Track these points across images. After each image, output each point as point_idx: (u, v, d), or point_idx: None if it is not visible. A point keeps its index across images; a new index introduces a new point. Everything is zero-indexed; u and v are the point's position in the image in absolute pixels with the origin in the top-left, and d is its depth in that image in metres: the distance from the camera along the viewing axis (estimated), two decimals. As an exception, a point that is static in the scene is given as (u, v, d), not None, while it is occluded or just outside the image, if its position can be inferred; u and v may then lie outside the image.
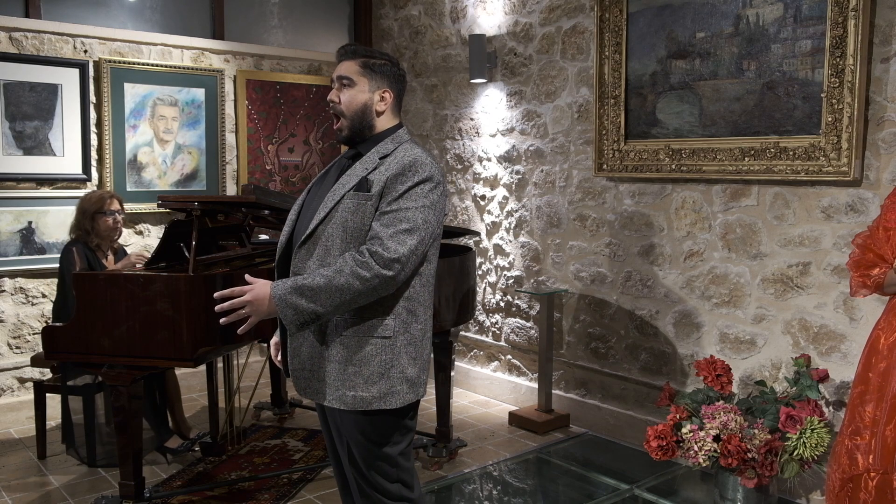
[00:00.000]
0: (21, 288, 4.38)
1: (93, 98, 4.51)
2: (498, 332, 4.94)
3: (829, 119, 3.16)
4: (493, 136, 4.86)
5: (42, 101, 4.33)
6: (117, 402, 3.02)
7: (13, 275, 4.33)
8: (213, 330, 2.89)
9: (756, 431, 2.94)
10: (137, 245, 4.72)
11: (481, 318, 5.05)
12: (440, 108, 5.26)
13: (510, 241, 4.80)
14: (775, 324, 3.48)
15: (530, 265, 4.66)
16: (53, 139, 4.39)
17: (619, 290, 4.15)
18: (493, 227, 4.92)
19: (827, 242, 3.28)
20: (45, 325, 3.55)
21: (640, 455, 3.63)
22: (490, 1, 4.80)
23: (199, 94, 4.89)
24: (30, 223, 4.33)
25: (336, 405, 2.03)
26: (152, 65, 4.69)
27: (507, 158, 4.77)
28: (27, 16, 4.36)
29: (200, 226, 3.11)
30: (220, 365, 4.13)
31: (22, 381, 4.40)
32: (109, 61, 4.53)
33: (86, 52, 4.49)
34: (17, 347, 4.39)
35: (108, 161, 4.54)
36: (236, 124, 5.10)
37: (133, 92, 4.64)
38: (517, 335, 4.80)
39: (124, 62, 4.58)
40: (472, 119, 5.01)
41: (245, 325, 2.01)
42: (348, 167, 2.10)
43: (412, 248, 1.96)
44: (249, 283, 2.01)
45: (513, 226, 4.77)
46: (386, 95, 2.12)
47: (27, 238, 4.33)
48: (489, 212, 4.95)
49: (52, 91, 4.36)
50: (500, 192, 4.85)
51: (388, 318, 2.02)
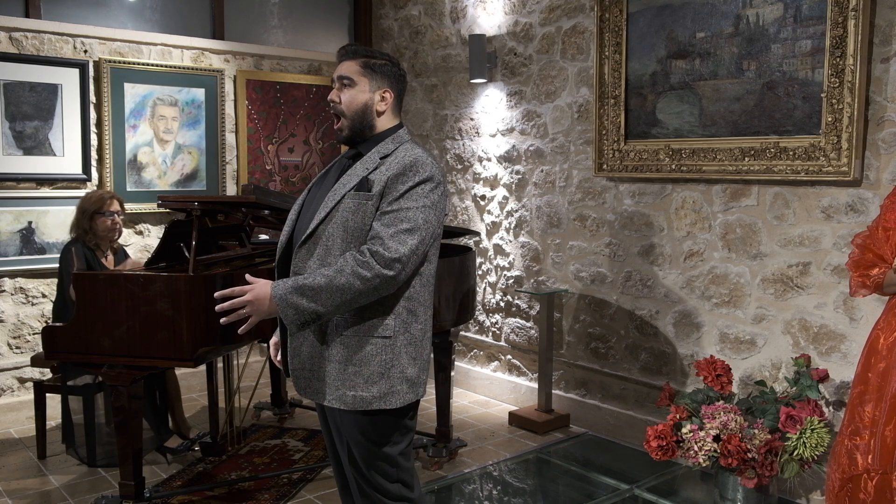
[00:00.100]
0: (21, 288, 4.38)
1: (93, 98, 4.51)
2: (498, 332, 4.94)
3: (829, 119, 3.16)
4: (493, 136, 4.86)
5: (42, 101, 4.34)
6: (117, 402, 3.02)
7: (13, 275, 4.33)
8: (213, 330, 2.89)
9: (756, 431, 2.94)
10: (137, 245, 4.72)
11: (481, 318, 5.05)
12: (440, 108, 5.26)
13: (510, 241, 4.80)
14: (775, 324, 3.48)
15: (530, 265, 4.66)
16: (53, 139, 4.39)
17: (619, 290, 4.15)
18: (493, 227, 4.92)
19: (827, 242, 3.28)
20: (45, 325, 3.55)
21: (640, 455, 3.63)
22: (490, 1, 4.80)
23: (199, 94, 4.89)
24: (30, 223, 4.33)
25: (336, 405, 2.03)
26: (152, 65, 4.69)
27: (507, 158, 4.77)
28: (27, 16, 4.36)
29: (200, 226, 3.11)
30: (220, 365, 4.13)
31: (22, 381, 4.40)
32: (109, 61, 4.53)
33: (86, 52, 4.49)
34: (17, 347, 4.39)
35: (108, 161, 4.54)
36: (236, 124, 5.10)
37: (133, 92, 4.64)
38: (517, 335, 4.80)
39: (124, 62, 4.59)
40: (472, 119, 5.01)
41: (245, 325, 2.01)
42: (349, 167, 2.10)
43: (413, 248, 1.96)
44: (250, 283, 2.01)
45: (513, 226, 4.77)
46: (386, 95, 2.12)
47: (27, 238, 4.33)
48: (489, 212, 4.95)
49: (52, 91, 4.36)
50: (500, 192, 4.85)
51: (388, 317, 2.02)
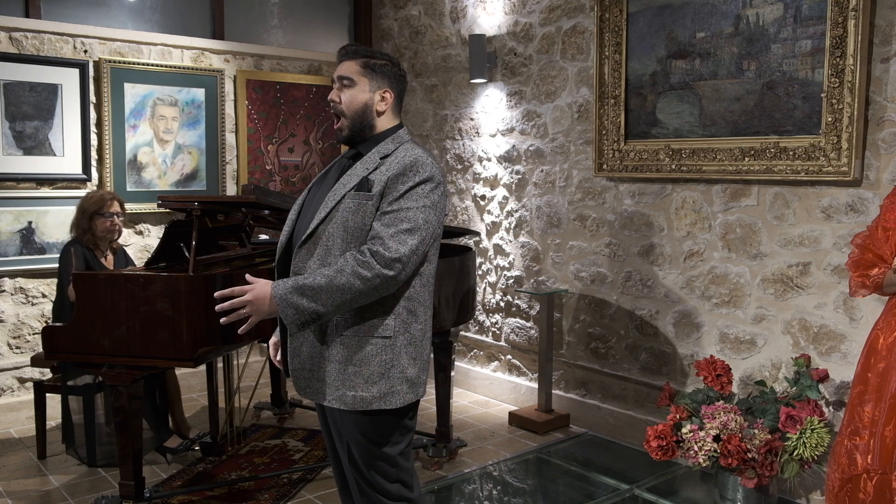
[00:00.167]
0: (21, 288, 4.38)
1: (93, 98, 4.51)
2: (498, 332, 4.94)
3: (829, 119, 3.16)
4: (493, 136, 4.86)
5: (42, 101, 4.33)
6: (117, 402, 3.02)
7: (13, 275, 4.33)
8: (213, 330, 2.89)
9: (756, 431, 2.94)
10: (137, 245, 4.72)
11: (481, 318, 5.05)
12: (440, 108, 5.26)
13: (510, 241, 4.80)
14: (775, 324, 3.48)
15: (530, 265, 4.66)
16: (53, 139, 4.39)
17: (619, 290, 4.15)
18: (493, 227, 4.92)
19: (827, 242, 3.28)
20: (45, 325, 3.55)
21: (640, 455, 3.63)
22: (490, 1, 4.80)
23: (199, 94, 4.89)
24: (30, 223, 4.33)
25: (336, 405, 2.03)
26: (152, 65, 4.69)
27: (507, 158, 4.77)
28: (27, 16, 4.36)
29: (200, 226, 3.11)
30: (220, 365, 4.13)
31: (22, 381, 4.40)
32: (109, 61, 4.53)
33: (86, 52, 4.49)
34: (17, 347, 4.39)
35: (108, 161, 4.54)
36: (236, 124, 5.10)
37: (133, 92, 4.64)
38: (517, 335, 4.80)
39: (124, 62, 4.59)
40: (472, 119, 5.01)
41: (245, 325, 2.01)
42: (349, 167, 2.10)
43: (413, 248, 1.96)
44: (250, 283, 2.01)
45: (513, 226, 4.77)
46: (387, 95, 2.12)
47: (27, 238, 4.33)
48: (489, 212, 4.95)
49: (52, 91, 4.36)
50: (500, 192, 4.85)
51: (388, 317, 2.02)
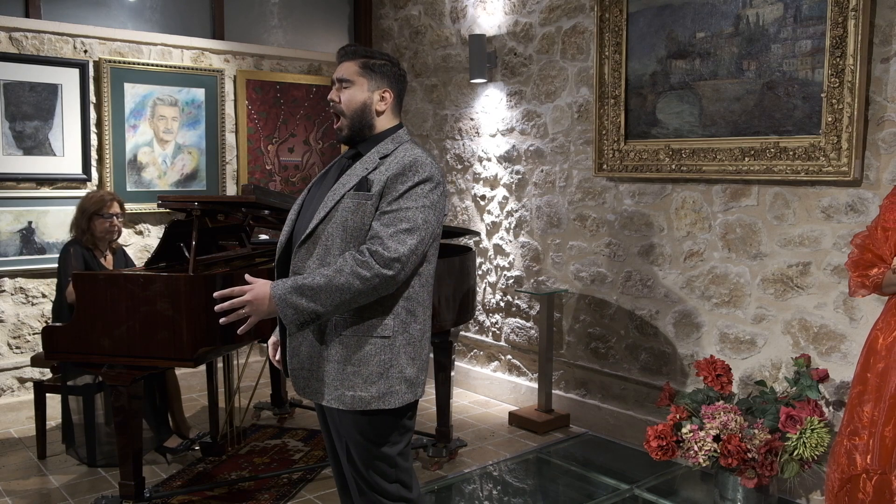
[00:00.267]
0: (21, 288, 4.38)
1: (93, 98, 4.51)
2: (498, 332, 4.94)
3: (829, 119, 3.16)
4: (493, 136, 4.86)
5: (42, 101, 4.33)
6: (117, 402, 3.02)
7: (13, 275, 4.33)
8: (213, 330, 2.89)
9: (756, 431, 2.94)
10: (137, 245, 4.72)
11: (481, 318, 5.05)
12: (440, 108, 5.26)
13: (510, 241, 4.80)
14: (775, 324, 3.48)
15: (530, 265, 4.66)
16: (53, 139, 4.39)
17: (619, 290, 4.15)
18: (493, 227, 4.92)
19: (827, 242, 3.28)
20: (45, 325, 3.55)
21: (640, 455, 3.63)
22: (490, 1, 4.80)
23: (199, 94, 4.89)
24: (30, 223, 4.33)
25: (335, 405, 2.03)
26: (152, 65, 4.69)
27: (507, 158, 4.77)
28: (27, 16, 4.36)
29: (200, 226, 3.11)
30: (220, 365, 4.13)
31: (22, 381, 4.40)
32: (109, 61, 4.53)
33: (86, 52, 4.49)
34: (17, 347, 4.39)
35: (108, 161, 4.54)
36: (236, 124, 5.10)
37: (133, 92, 4.64)
38: (517, 335, 4.80)
39: (124, 62, 4.59)
40: (472, 119, 5.01)
41: (245, 325, 2.01)
42: (348, 167, 2.10)
43: (412, 248, 1.96)
44: (249, 283, 2.01)
45: (513, 226, 4.77)
46: (386, 95, 2.12)
47: (27, 238, 4.33)
48: (489, 212, 4.95)
49: (52, 91, 4.36)
50: (500, 192, 4.85)
51: (387, 317, 2.02)
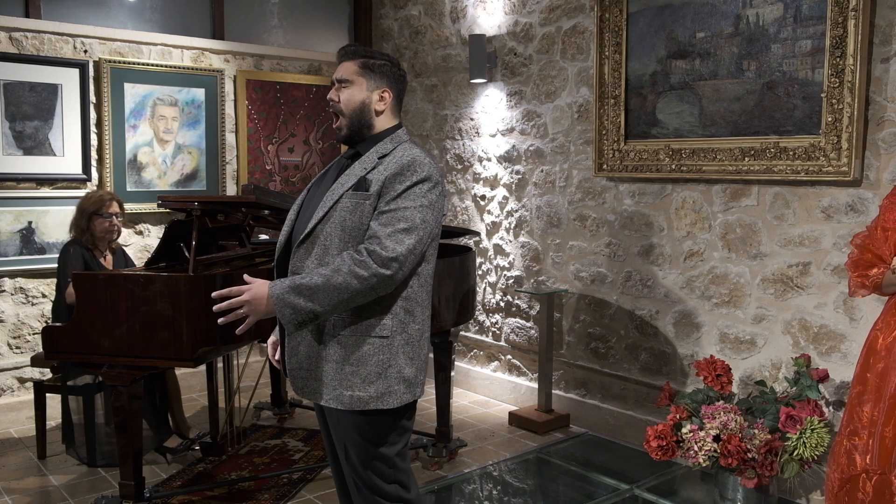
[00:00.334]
0: (21, 288, 4.38)
1: (93, 98, 4.51)
2: (498, 332, 4.94)
3: (829, 119, 3.16)
4: (493, 136, 4.86)
5: (42, 101, 4.33)
6: (117, 402, 3.02)
7: (13, 275, 4.33)
8: (213, 330, 2.89)
9: (756, 431, 2.94)
10: (137, 245, 4.72)
11: (481, 318, 5.05)
12: (440, 108, 5.26)
13: (510, 241, 4.80)
14: (775, 324, 3.48)
15: (530, 265, 4.66)
16: (53, 139, 4.39)
17: (619, 290, 4.15)
18: (493, 227, 4.92)
19: (827, 242, 3.28)
20: (45, 325, 3.55)
21: (640, 455, 3.63)
22: (490, 1, 4.80)
23: (199, 94, 4.89)
24: (30, 223, 4.33)
25: (333, 405, 2.03)
26: (152, 65, 4.69)
27: (507, 158, 4.77)
28: (27, 16, 4.36)
29: (200, 226, 3.11)
30: (220, 365, 4.13)
31: (22, 381, 4.40)
32: (109, 61, 4.53)
33: (86, 52, 4.49)
34: (17, 347, 4.39)
35: (108, 161, 4.54)
36: (236, 124, 5.10)
37: (133, 92, 4.64)
38: (517, 335, 4.80)
39: (124, 62, 4.59)
40: (472, 119, 5.01)
41: (243, 325, 2.00)
42: (347, 167, 2.10)
43: (410, 248, 1.96)
44: (248, 283, 2.01)
45: (513, 226, 4.77)
46: (385, 95, 2.12)
47: (27, 238, 4.33)
48: (489, 212, 4.95)
49: (52, 91, 4.36)
50: (500, 192, 4.85)
51: (385, 317, 2.02)
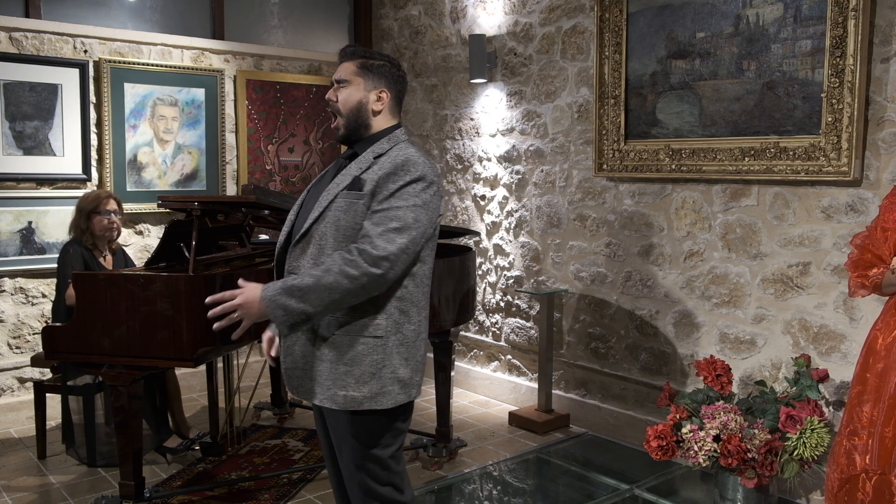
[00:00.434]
0: (21, 288, 4.38)
1: (93, 98, 4.51)
2: (498, 332, 4.94)
3: (829, 119, 3.16)
4: (493, 136, 4.86)
5: (42, 101, 4.33)
6: (117, 402, 3.02)
7: (13, 275, 4.33)
8: (213, 330, 2.88)
9: (756, 431, 2.94)
10: (137, 245, 4.72)
11: (481, 318, 5.05)
12: (440, 108, 5.26)
13: (510, 241, 4.80)
14: (775, 324, 3.48)
15: (530, 265, 4.66)
16: (53, 139, 4.39)
17: (619, 290, 4.15)
18: (493, 227, 4.92)
19: (827, 242, 3.28)
20: (45, 325, 3.55)
21: (640, 455, 3.63)
22: (490, 1, 4.80)
23: (199, 94, 4.89)
24: (30, 223, 4.33)
25: (327, 404, 2.03)
26: (152, 65, 4.69)
27: (507, 158, 4.77)
28: (27, 16, 4.36)
29: (200, 226, 3.11)
30: (220, 365, 4.13)
31: (22, 381, 4.41)
32: (109, 61, 4.53)
33: (86, 52, 4.49)
34: (17, 347, 4.39)
35: (108, 161, 4.54)
36: (236, 124, 5.10)
37: (133, 92, 4.64)
38: (517, 335, 4.80)
39: (124, 62, 4.59)
40: (472, 119, 5.01)
41: (238, 329, 1.99)
42: (345, 167, 2.11)
43: (402, 247, 1.94)
44: (241, 287, 2.01)
45: (513, 226, 4.77)
46: (383, 95, 2.12)
47: (27, 238, 4.33)
48: (489, 212, 4.95)
49: (52, 91, 4.36)
50: (500, 192, 4.85)
51: (379, 317, 2.01)
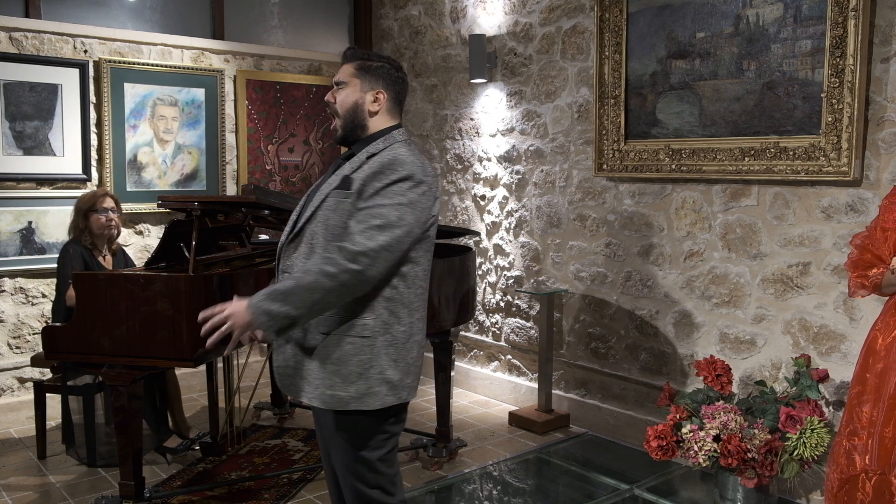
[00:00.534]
0: (21, 288, 4.38)
1: (93, 98, 4.51)
2: (498, 332, 4.94)
3: (829, 119, 3.16)
4: (493, 136, 4.86)
5: (42, 101, 4.33)
6: (117, 402, 3.02)
7: (13, 275, 4.33)
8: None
9: (756, 431, 2.94)
10: (137, 245, 4.72)
11: (481, 318, 5.05)
12: (440, 108, 5.26)
13: (510, 241, 4.80)
14: (775, 324, 3.48)
15: (530, 265, 4.66)
16: (53, 139, 4.39)
17: (619, 290, 4.15)
18: (493, 227, 4.92)
19: (827, 242, 3.28)
20: (45, 325, 3.55)
21: (640, 455, 3.63)
22: (490, 1, 4.80)
23: (199, 94, 4.89)
24: (30, 223, 4.33)
25: (315, 403, 2.03)
26: (152, 65, 4.69)
27: (507, 158, 4.77)
28: (27, 16, 4.36)
29: (200, 226, 3.11)
30: (220, 365, 4.13)
31: (22, 381, 4.40)
32: (109, 61, 4.53)
33: (86, 52, 4.49)
34: (17, 347, 4.39)
35: (108, 161, 4.54)
36: (236, 124, 5.10)
37: (133, 92, 4.63)
38: (517, 335, 4.80)
39: (124, 62, 4.58)
40: (472, 119, 5.01)
41: (230, 343, 1.96)
42: (341, 167, 2.11)
43: (382, 244, 1.92)
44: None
45: (513, 226, 4.77)
46: (379, 96, 2.11)
47: (27, 238, 4.33)
48: (489, 212, 4.95)
49: (52, 91, 4.36)
50: (500, 192, 4.85)
51: (367, 317, 2.00)
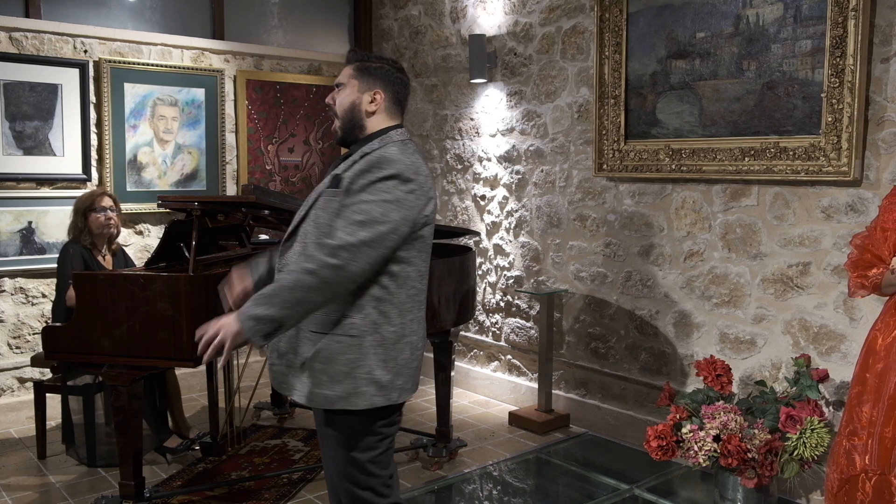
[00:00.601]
0: (21, 288, 4.38)
1: (93, 98, 4.51)
2: (498, 332, 4.94)
3: (829, 119, 3.16)
4: (493, 136, 4.86)
5: (42, 101, 4.33)
6: (117, 402, 3.02)
7: (13, 275, 4.33)
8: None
9: (756, 431, 2.94)
10: (137, 245, 4.72)
11: (481, 318, 5.05)
12: (440, 108, 5.26)
13: (510, 241, 4.80)
14: (775, 324, 3.48)
15: (530, 265, 4.66)
16: (53, 139, 4.39)
17: (619, 290, 4.15)
18: (493, 227, 4.92)
19: (827, 242, 3.28)
20: (45, 325, 3.55)
21: (640, 455, 3.63)
22: (490, 1, 4.80)
23: (199, 94, 4.89)
24: (30, 223, 4.33)
25: (304, 401, 2.03)
26: (152, 65, 4.69)
27: (507, 158, 4.77)
28: (27, 16, 4.36)
29: (200, 226, 3.11)
30: (220, 365, 4.13)
31: (22, 381, 4.40)
32: (109, 61, 4.53)
33: (86, 52, 4.49)
34: (17, 347, 4.39)
35: (108, 161, 4.54)
36: (236, 124, 5.10)
37: (133, 92, 4.63)
38: (517, 335, 4.80)
39: (124, 62, 4.58)
40: (472, 119, 5.01)
41: (223, 355, 1.96)
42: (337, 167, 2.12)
43: (363, 239, 1.90)
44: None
45: (513, 226, 4.77)
46: (377, 97, 2.11)
47: (27, 238, 4.33)
48: (489, 212, 4.95)
49: (52, 91, 4.36)
50: (500, 192, 4.85)
51: (355, 316, 1.99)
